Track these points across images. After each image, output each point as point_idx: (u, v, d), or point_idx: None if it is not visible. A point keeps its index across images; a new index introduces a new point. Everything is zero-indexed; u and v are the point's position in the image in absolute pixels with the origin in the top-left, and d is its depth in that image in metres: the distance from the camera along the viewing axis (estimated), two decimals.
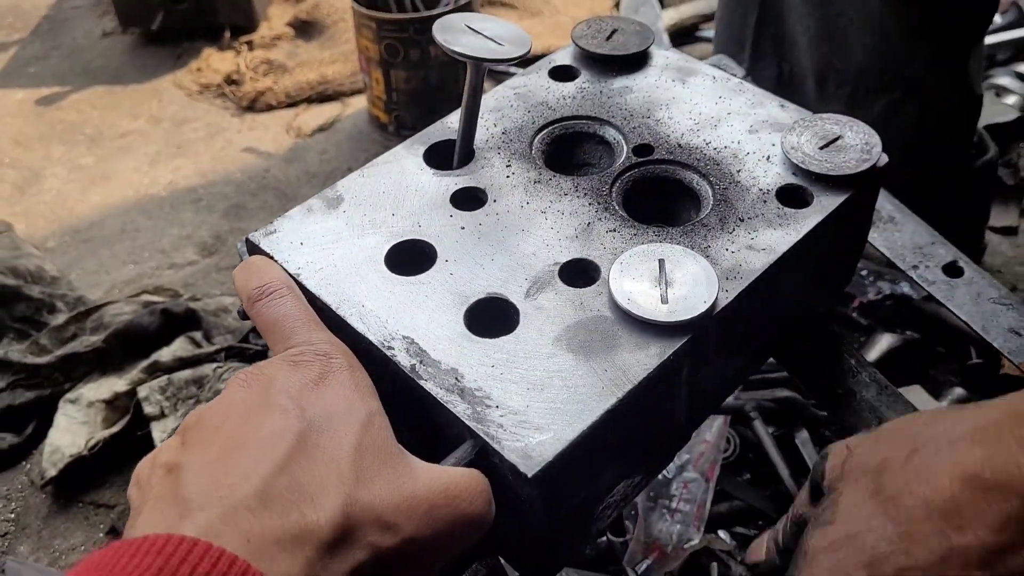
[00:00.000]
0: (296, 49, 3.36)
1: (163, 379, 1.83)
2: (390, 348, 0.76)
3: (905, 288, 1.79)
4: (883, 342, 1.68)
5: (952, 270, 1.09)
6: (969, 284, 1.07)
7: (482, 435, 0.69)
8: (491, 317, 0.79)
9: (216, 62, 3.27)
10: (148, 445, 1.76)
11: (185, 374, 1.83)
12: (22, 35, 3.57)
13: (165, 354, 1.89)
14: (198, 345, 1.91)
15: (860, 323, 1.81)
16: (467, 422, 0.70)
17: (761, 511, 1.49)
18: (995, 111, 2.32)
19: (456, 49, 0.85)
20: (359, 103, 3.04)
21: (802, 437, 1.54)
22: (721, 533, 1.45)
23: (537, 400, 0.71)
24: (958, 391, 1.65)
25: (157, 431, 1.76)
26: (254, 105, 3.07)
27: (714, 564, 1.36)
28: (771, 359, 1.14)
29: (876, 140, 0.90)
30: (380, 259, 0.83)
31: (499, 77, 2.68)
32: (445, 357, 0.75)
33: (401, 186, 0.90)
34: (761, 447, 1.55)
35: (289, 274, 0.82)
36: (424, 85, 2.73)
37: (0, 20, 3.66)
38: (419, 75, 2.71)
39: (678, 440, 0.90)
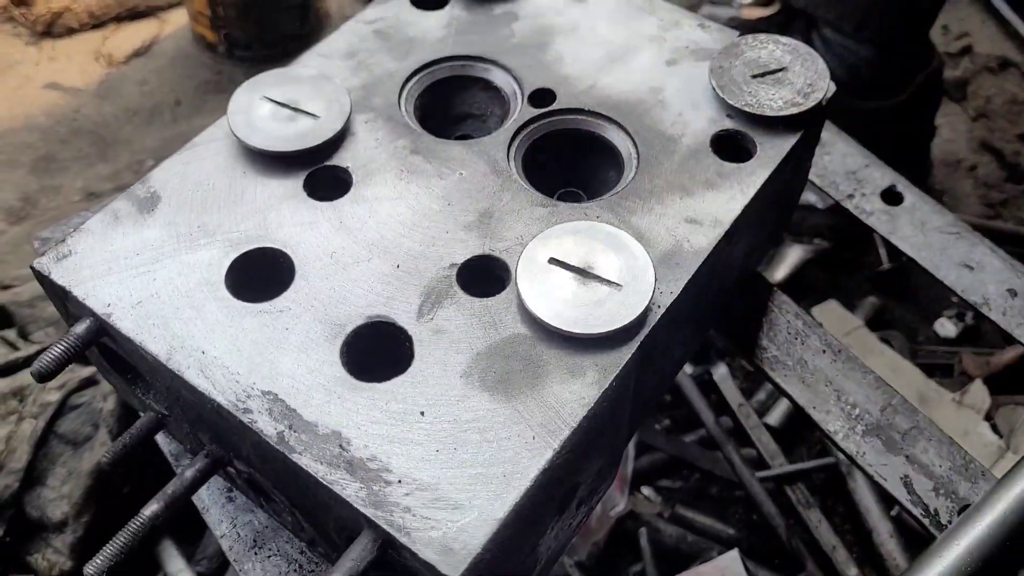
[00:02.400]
0: None
1: None
2: (247, 411, 0.56)
3: (811, 197, 1.68)
4: (793, 255, 1.57)
5: (891, 196, 0.96)
6: (911, 212, 0.95)
7: (384, 526, 0.52)
8: (377, 350, 0.60)
9: None
10: None
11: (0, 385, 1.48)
12: None
13: None
14: (13, 347, 1.57)
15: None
16: (362, 509, 0.52)
17: (684, 460, 1.38)
18: None
19: None
20: (179, 19, 2.64)
21: (720, 373, 1.42)
22: (645, 490, 1.34)
23: (451, 465, 0.54)
24: (871, 300, 1.57)
25: None
26: (51, 29, 2.61)
27: (642, 530, 1.25)
28: None
29: (821, 64, 0.74)
30: (220, 281, 0.63)
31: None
32: (322, 416, 0.56)
33: (236, 172, 0.69)
34: (679, 389, 1.43)
35: (97, 316, 0.61)
36: None
37: None
38: None
39: (621, 451, 0.75)
